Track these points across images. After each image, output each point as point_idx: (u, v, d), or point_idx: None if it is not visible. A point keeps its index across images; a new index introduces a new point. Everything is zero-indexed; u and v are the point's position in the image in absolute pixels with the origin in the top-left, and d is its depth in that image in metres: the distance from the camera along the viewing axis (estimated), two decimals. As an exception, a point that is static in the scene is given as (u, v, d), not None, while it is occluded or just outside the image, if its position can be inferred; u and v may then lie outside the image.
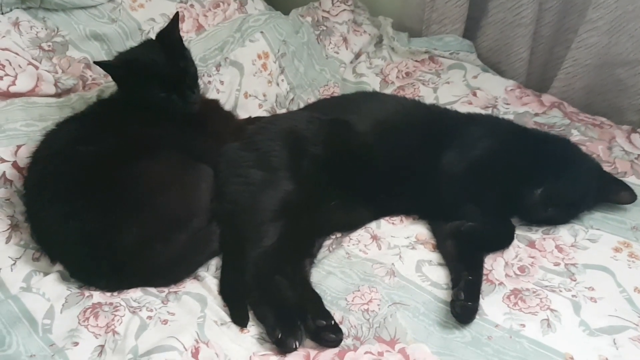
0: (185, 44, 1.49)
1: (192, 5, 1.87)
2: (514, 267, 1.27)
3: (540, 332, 1.12)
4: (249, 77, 1.77)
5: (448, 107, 1.70)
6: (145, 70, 1.35)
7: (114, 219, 1.19)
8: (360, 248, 1.34)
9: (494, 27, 1.92)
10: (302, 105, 1.83)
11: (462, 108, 1.73)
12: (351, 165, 1.41)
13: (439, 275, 1.26)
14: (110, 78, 1.45)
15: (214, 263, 1.30)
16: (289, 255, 1.26)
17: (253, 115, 1.72)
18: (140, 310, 1.16)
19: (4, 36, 1.51)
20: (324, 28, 2.03)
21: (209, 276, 1.26)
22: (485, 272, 1.25)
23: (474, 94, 1.83)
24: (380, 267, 1.28)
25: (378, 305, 1.19)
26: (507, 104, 1.79)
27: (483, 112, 1.73)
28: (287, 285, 1.20)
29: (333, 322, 1.13)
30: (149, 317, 1.15)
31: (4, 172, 1.31)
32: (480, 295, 1.19)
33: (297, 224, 1.31)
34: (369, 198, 1.42)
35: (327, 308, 1.17)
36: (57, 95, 1.53)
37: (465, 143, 1.43)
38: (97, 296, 1.19)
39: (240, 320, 1.16)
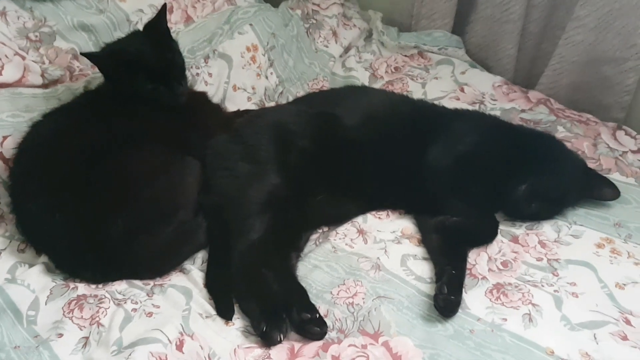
0: (174, 35, 1.48)
1: (180, -4, 1.87)
2: (497, 261, 1.28)
3: (521, 326, 1.13)
4: (237, 70, 1.76)
5: (436, 102, 1.71)
6: (132, 62, 1.35)
7: (98, 211, 1.19)
8: (346, 242, 1.35)
9: (483, 23, 1.93)
10: (291, 98, 1.83)
11: (450, 103, 1.74)
12: (338, 159, 1.41)
13: (424, 269, 1.27)
14: (97, 69, 1.44)
15: (200, 256, 1.31)
16: (275, 249, 1.26)
17: (242, 108, 1.72)
18: (125, 303, 1.16)
19: (-10, 26, 1.50)
20: (314, 21, 2.03)
21: (194, 269, 1.27)
22: (468, 266, 1.26)
23: (462, 90, 1.84)
24: (365, 261, 1.29)
25: (363, 298, 1.19)
26: (494, 100, 1.80)
27: (470, 107, 1.73)
28: (272, 278, 1.20)
29: (318, 315, 1.13)
30: (134, 310, 1.15)
31: (-10, 163, 1.30)
32: (463, 289, 1.20)
33: (284, 217, 1.31)
34: (356, 192, 1.42)
35: (313, 301, 1.18)
36: (44, 86, 1.52)
37: (451, 138, 1.44)
38: (82, 288, 1.19)
39: (225, 313, 1.16)
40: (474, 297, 1.20)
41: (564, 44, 1.75)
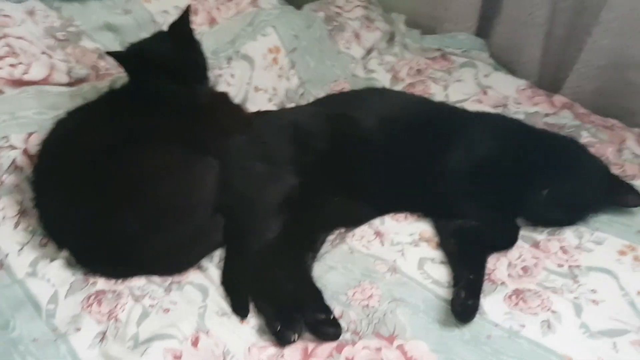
0: (198, 36, 1.49)
1: (205, -2, 1.89)
2: (517, 267, 1.26)
3: (540, 333, 1.11)
4: (259, 71, 1.77)
5: (458, 105, 1.70)
6: (154, 62, 1.36)
7: (116, 207, 1.21)
8: (363, 244, 1.34)
9: (507, 26, 1.91)
10: (311, 100, 1.83)
11: (472, 106, 1.72)
12: (356, 161, 1.41)
13: (441, 273, 1.26)
14: (122, 68, 1.46)
15: (218, 254, 1.31)
16: (290, 249, 1.27)
17: (262, 109, 1.73)
18: (143, 299, 1.18)
19: (19, 25, 1.53)
20: (336, 23, 2.03)
21: (212, 267, 1.28)
22: (488, 271, 1.25)
23: (485, 93, 1.82)
24: (382, 264, 1.28)
25: (378, 301, 1.19)
26: (518, 103, 1.78)
27: (492, 111, 1.72)
28: (287, 278, 1.21)
29: (332, 316, 1.13)
30: (151, 306, 1.16)
31: (15, 158, 1.33)
32: (481, 295, 1.18)
33: (300, 218, 1.32)
34: (374, 194, 1.41)
35: (327, 302, 1.17)
36: (70, 84, 1.55)
37: (472, 141, 1.43)
38: (102, 283, 1.20)
39: (240, 311, 1.17)
40: (492, 303, 1.18)
41: (590, 48, 1.72)
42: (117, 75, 1.57)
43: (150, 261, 1.24)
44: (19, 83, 1.46)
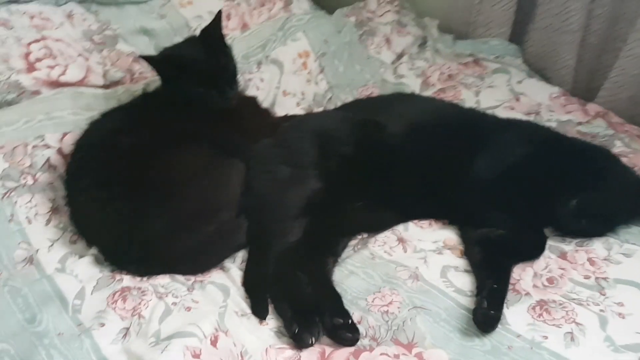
0: (229, 41, 1.52)
1: (238, 4, 1.92)
2: (543, 277, 1.24)
3: (562, 345, 1.09)
4: (288, 76, 1.79)
5: (489, 111, 1.68)
6: (186, 66, 1.39)
7: (144, 207, 1.24)
8: (385, 250, 1.34)
9: (541, 33, 1.88)
10: (339, 104, 1.84)
11: (504, 113, 1.70)
12: (381, 167, 1.41)
13: (464, 281, 1.24)
14: (155, 72, 1.50)
15: (240, 255, 1.33)
16: (312, 253, 1.27)
17: (290, 113, 1.75)
18: (166, 296, 1.20)
19: (57, 27, 1.59)
20: (367, 28, 2.03)
21: (234, 267, 1.29)
22: (512, 281, 1.23)
23: (517, 100, 1.80)
24: (403, 270, 1.27)
25: (398, 307, 1.18)
26: (551, 111, 1.75)
27: (525, 118, 1.69)
28: (308, 281, 1.21)
29: (350, 321, 1.13)
30: (174, 303, 1.18)
31: (49, 157, 1.38)
32: (505, 305, 1.17)
33: (322, 222, 1.32)
34: (398, 200, 1.41)
35: (347, 307, 1.17)
36: (105, 86, 1.60)
37: (500, 148, 1.41)
38: (127, 280, 1.23)
39: (260, 313, 1.18)
40: (515, 313, 1.16)
41: (625, 56, 1.69)
42: (151, 78, 1.62)
43: (176, 260, 1.26)
44: (55, 84, 1.51)
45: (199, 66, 1.41)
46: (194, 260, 1.27)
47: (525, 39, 1.96)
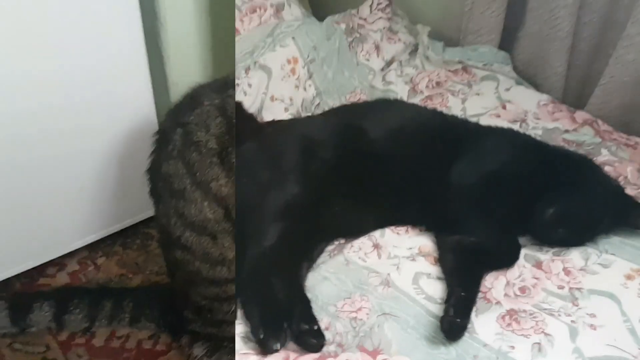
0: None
1: (229, 10, 1.93)
2: (515, 286, 1.23)
3: (529, 355, 1.08)
4: (276, 81, 1.80)
5: (474, 119, 1.67)
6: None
7: None
8: (359, 255, 1.33)
9: (531, 40, 1.88)
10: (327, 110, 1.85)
11: (490, 121, 1.70)
12: (360, 172, 1.40)
13: (435, 289, 1.24)
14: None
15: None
16: (286, 258, 1.26)
17: (277, 118, 1.75)
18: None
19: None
20: (358, 35, 2.03)
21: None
22: (484, 289, 1.22)
23: (504, 107, 1.79)
24: (375, 276, 1.27)
25: (367, 314, 1.18)
26: (538, 118, 1.74)
27: (509, 125, 1.68)
28: (279, 287, 1.21)
29: (316, 327, 1.12)
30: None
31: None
32: (474, 313, 1.16)
33: (299, 227, 1.32)
34: (376, 206, 1.41)
35: (316, 313, 1.17)
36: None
37: (479, 155, 1.41)
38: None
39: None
40: (484, 322, 1.15)
41: (614, 62, 1.67)
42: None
43: None
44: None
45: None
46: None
47: (515, 46, 1.95)
